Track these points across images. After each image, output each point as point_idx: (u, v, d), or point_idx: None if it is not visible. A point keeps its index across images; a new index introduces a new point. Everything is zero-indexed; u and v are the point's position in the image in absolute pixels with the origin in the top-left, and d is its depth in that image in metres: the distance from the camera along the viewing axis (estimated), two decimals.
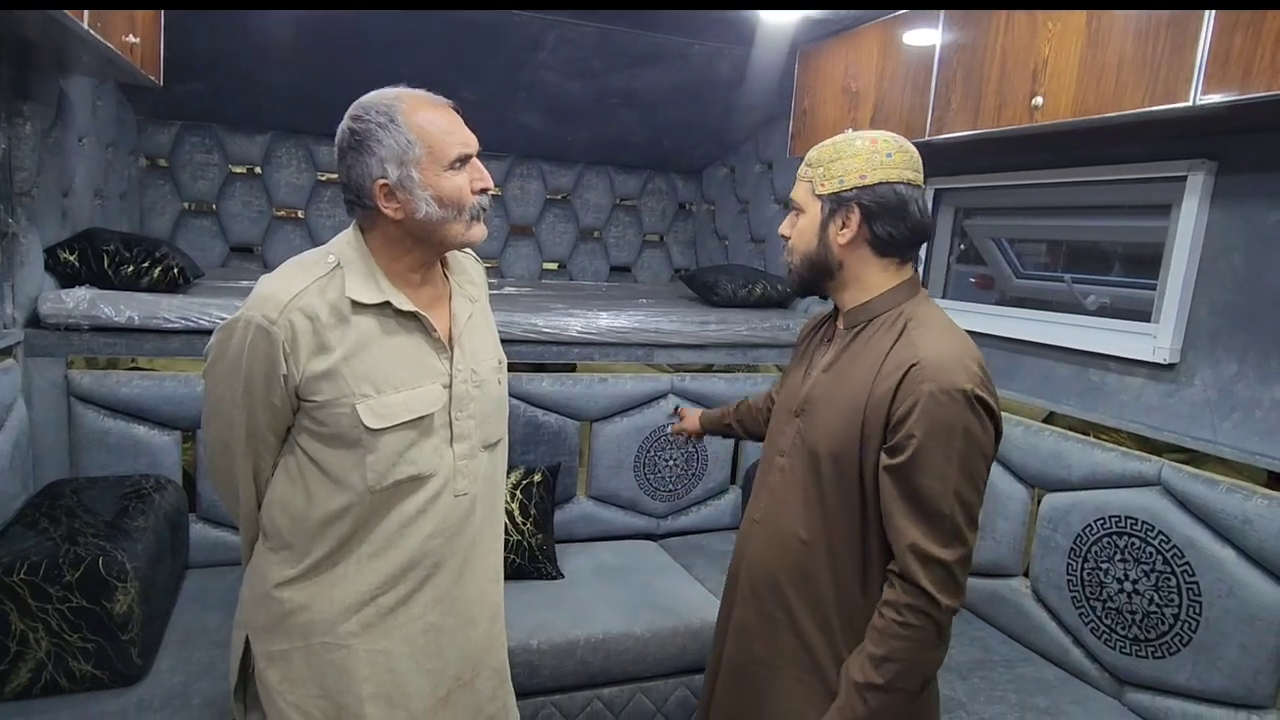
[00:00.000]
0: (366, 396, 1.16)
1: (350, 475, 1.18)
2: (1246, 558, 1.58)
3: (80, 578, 1.58)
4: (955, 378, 1.10)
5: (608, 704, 2.06)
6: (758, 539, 1.32)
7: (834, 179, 1.20)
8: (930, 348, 1.13)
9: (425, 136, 1.15)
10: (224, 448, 1.23)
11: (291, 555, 1.22)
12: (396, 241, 1.20)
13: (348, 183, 1.18)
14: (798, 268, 1.27)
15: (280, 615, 1.22)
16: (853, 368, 1.21)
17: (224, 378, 1.18)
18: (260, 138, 3.29)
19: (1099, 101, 1.60)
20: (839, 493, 1.20)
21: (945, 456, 1.09)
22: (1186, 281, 1.76)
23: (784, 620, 1.27)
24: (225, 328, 1.17)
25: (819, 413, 1.23)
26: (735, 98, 3.11)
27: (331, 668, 1.22)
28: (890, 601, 1.13)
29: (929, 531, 1.10)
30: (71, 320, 2.03)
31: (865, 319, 1.24)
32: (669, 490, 2.69)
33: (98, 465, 2.10)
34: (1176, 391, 1.79)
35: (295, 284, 1.15)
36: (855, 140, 1.20)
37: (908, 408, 1.11)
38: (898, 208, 1.18)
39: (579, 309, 2.64)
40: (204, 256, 3.20)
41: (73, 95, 2.25)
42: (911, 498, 1.11)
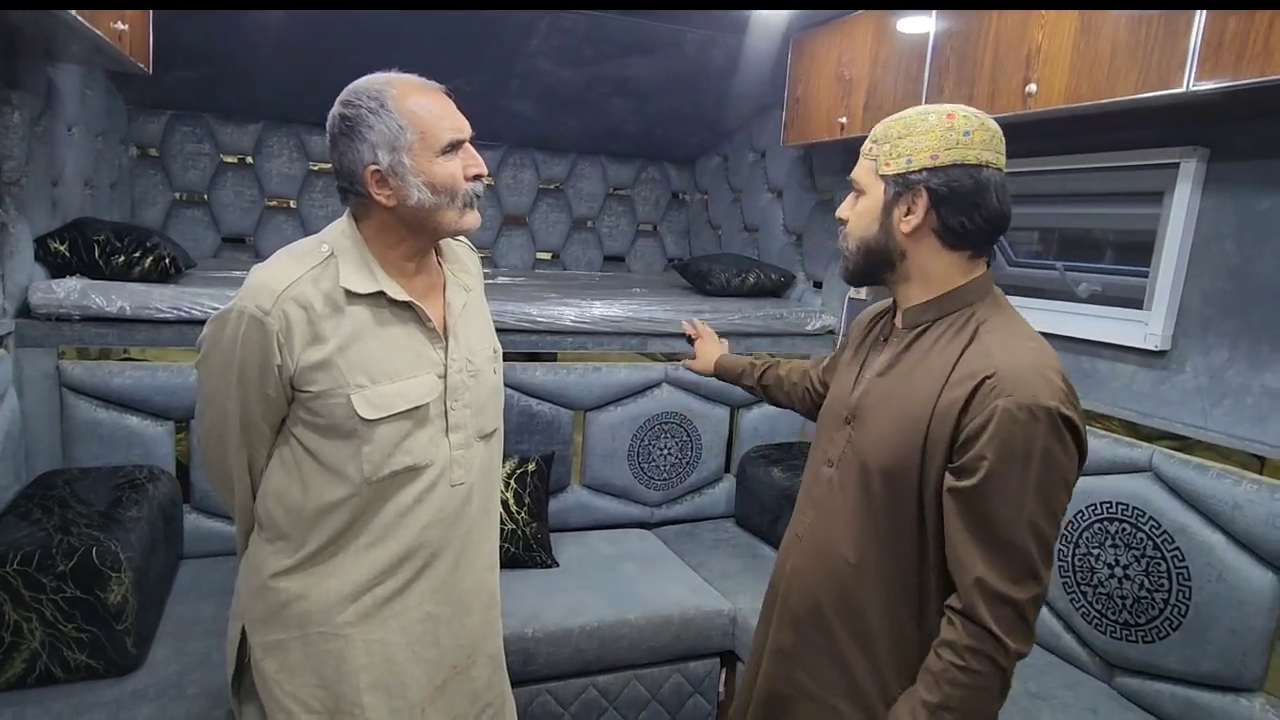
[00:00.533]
0: (361, 387, 1.15)
1: (346, 466, 1.18)
2: (1236, 542, 1.59)
3: (74, 568, 1.58)
4: (1036, 392, 0.97)
5: (603, 691, 2.07)
6: (800, 557, 1.20)
7: (901, 158, 1.06)
8: (1007, 356, 1.01)
9: (416, 122, 1.13)
10: (218, 439, 1.22)
11: (287, 545, 1.22)
12: (390, 229, 1.18)
13: (339, 170, 1.17)
14: (853, 255, 1.14)
15: (277, 605, 1.22)
16: (914, 374, 1.09)
17: (217, 369, 1.17)
18: (251, 127, 3.27)
19: (1092, 88, 1.60)
20: (892, 513, 1.08)
21: (1021, 482, 0.97)
22: (1178, 269, 1.76)
23: (825, 646, 1.16)
24: (218, 318, 1.16)
25: (872, 422, 1.11)
26: (728, 86, 3.10)
27: (329, 657, 1.22)
28: (949, 642, 1.01)
29: (999, 566, 0.98)
30: (62, 310, 2.02)
31: (929, 319, 1.11)
32: (663, 479, 2.69)
33: (90, 456, 2.09)
34: (1168, 378, 1.80)
35: (289, 274, 1.14)
36: (928, 115, 1.06)
37: (979, 424, 0.98)
38: (972, 194, 1.04)
39: (573, 298, 2.64)
40: (196, 247, 3.18)
41: (61, 84, 2.23)
42: (980, 527, 0.99)
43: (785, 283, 3.06)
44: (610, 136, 3.67)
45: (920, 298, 1.12)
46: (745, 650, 2.13)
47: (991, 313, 1.08)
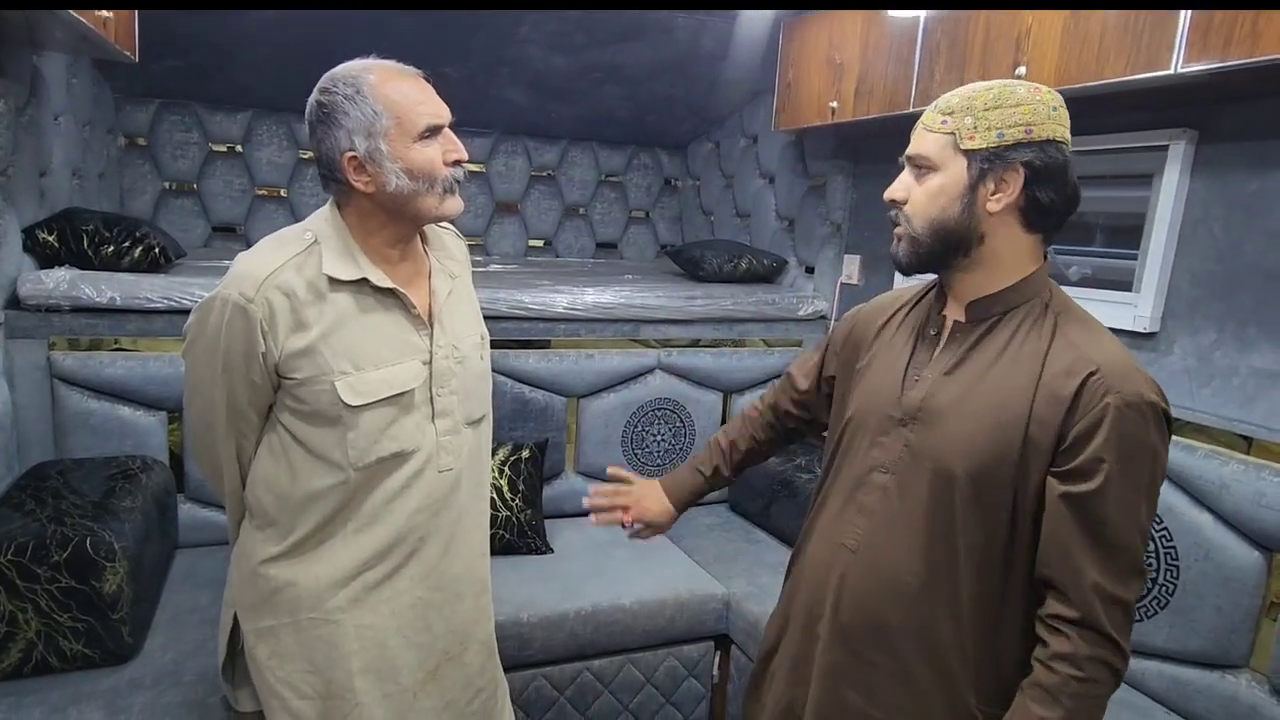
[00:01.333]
0: (345, 374, 1.16)
1: (333, 453, 1.19)
2: (1223, 522, 1.61)
3: (68, 558, 1.58)
4: (1141, 388, 0.94)
5: (597, 675, 2.09)
6: (857, 573, 1.11)
7: (990, 130, 0.98)
8: (1103, 350, 0.97)
9: (393, 107, 1.12)
10: (206, 427, 1.23)
11: (276, 532, 1.23)
12: (370, 216, 1.18)
13: (319, 157, 1.17)
14: (923, 238, 1.04)
15: (267, 592, 1.23)
16: (996, 371, 1.02)
17: (203, 356, 1.18)
18: (240, 116, 3.25)
19: (1081, 70, 1.60)
20: (977, 520, 1.02)
21: (1135, 484, 0.95)
22: (1167, 251, 1.77)
23: (888, 667, 1.09)
24: (202, 306, 1.17)
25: (947, 424, 1.04)
26: (720, 72, 3.09)
27: (320, 643, 1.23)
28: (1065, 654, 0.96)
29: (1111, 568, 0.95)
30: (52, 301, 2.01)
31: (1000, 310, 1.04)
32: (657, 465, 2.70)
33: (83, 447, 2.09)
34: (1156, 360, 1.81)
35: (272, 261, 1.14)
36: (1016, 87, 1.00)
37: (1090, 424, 0.94)
38: (1062, 171, 0.99)
39: (565, 285, 2.64)
40: (186, 236, 3.17)
41: (47, 73, 2.21)
42: (1095, 531, 0.95)
43: (777, 268, 3.07)
44: (602, 123, 3.66)
45: (988, 288, 1.05)
46: (739, 634, 2.14)
47: (1064, 304, 1.04)
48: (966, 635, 1.04)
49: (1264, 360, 1.62)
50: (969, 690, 1.05)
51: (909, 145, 1.07)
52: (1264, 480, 1.55)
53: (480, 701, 1.40)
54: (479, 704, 1.40)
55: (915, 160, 1.05)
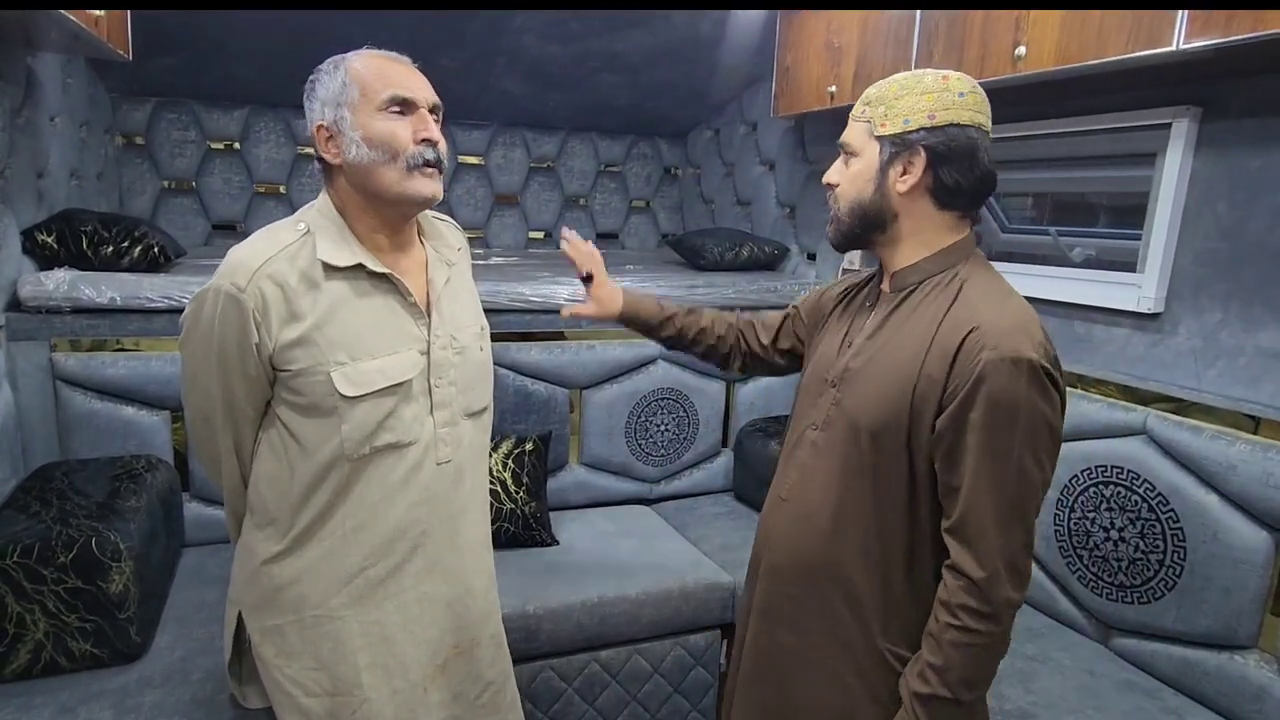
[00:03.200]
0: (341, 364, 1.15)
1: (326, 444, 1.18)
2: (1230, 503, 1.60)
3: (74, 559, 1.59)
4: (1019, 345, 0.98)
5: (605, 665, 2.09)
6: (784, 518, 1.22)
7: (898, 118, 1.07)
8: (990, 311, 1.02)
9: (358, 77, 1.15)
10: (204, 420, 1.24)
11: (276, 530, 1.23)
12: (350, 195, 1.19)
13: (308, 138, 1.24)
14: (844, 217, 1.14)
15: (271, 591, 1.23)
16: (901, 333, 1.10)
17: (198, 349, 1.18)
18: (238, 112, 3.24)
19: (1082, 49, 1.58)
20: (881, 472, 1.09)
21: (1008, 434, 0.99)
22: (1171, 230, 1.75)
23: (814, 607, 1.17)
24: (196, 298, 1.17)
25: (860, 383, 1.12)
26: (718, 58, 3.07)
27: (326, 640, 1.23)
28: (945, 602, 1.03)
29: (987, 515, 1.00)
30: (52, 303, 2.01)
31: (916, 280, 1.12)
32: (661, 455, 2.70)
33: (87, 447, 2.09)
34: (1161, 341, 1.80)
35: (264, 251, 1.14)
36: (924, 77, 1.08)
37: (964, 380, 1.00)
38: (968, 153, 1.05)
39: (566, 276, 2.62)
40: (186, 235, 3.17)
41: (41, 73, 2.20)
42: (970, 483, 1.00)
43: (779, 255, 3.05)
44: (600, 112, 3.64)
45: (909, 259, 1.13)
46: None
47: (975, 271, 1.10)
48: (877, 579, 1.11)
49: (1270, 339, 1.60)
50: (879, 632, 1.12)
51: None
52: (1271, 460, 1.53)
53: (490, 694, 1.41)
54: (488, 697, 1.40)
55: (843, 147, 1.15)
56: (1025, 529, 1.02)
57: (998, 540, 1.00)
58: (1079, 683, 1.69)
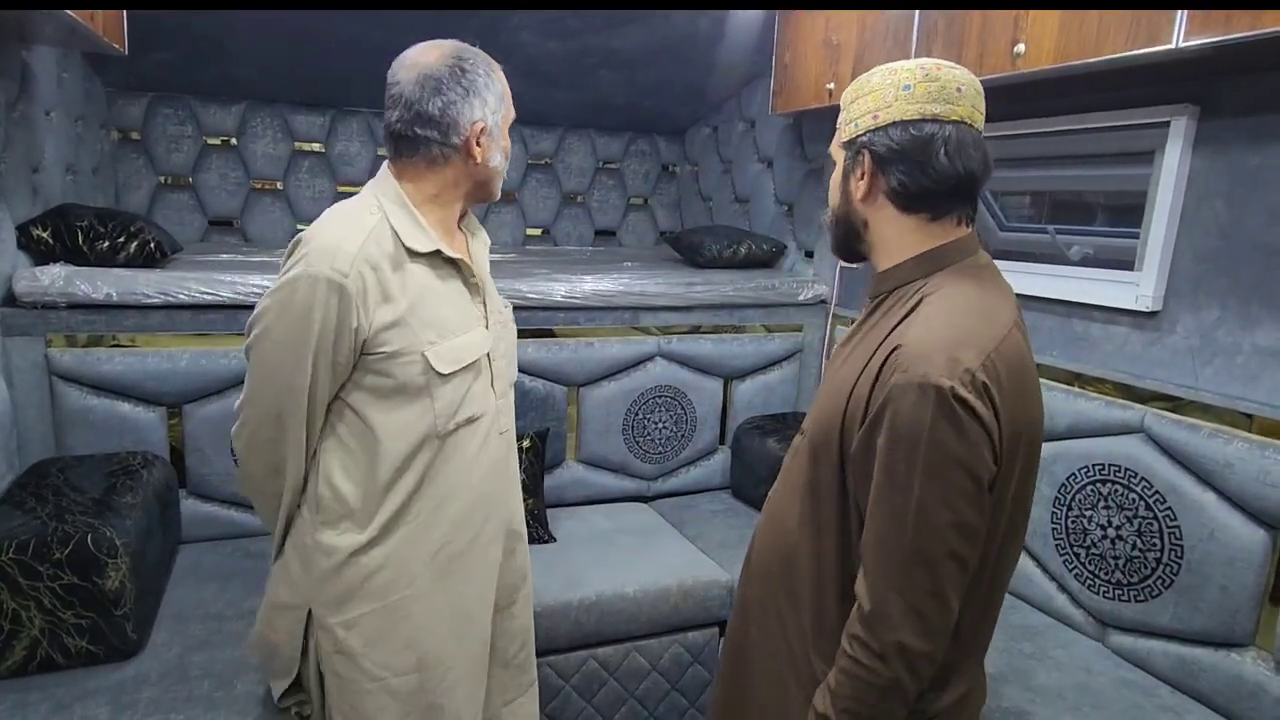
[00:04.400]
0: (433, 343, 1.20)
1: (414, 426, 1.21)
2: (1227, 501, 1.60)
3: (70, 555, 1.58)
4: (930, 369, 0.89)
5: (603, 663, 2.09)
6: (764, 518, 1.23)
7: (850, 123, 1.04)
8: (921, 330, 0.94)
9: (508, 97, 1.28)
10: (274, 420, 1.20)
11: (355, 522, 1.23)
12: (451, 188, 1.24)
13: (433, 119, 1.18)
14: (829, 227, 1.14)
15: (356, 583, 1.24)
16: (858, 348, 1.05)
17: (284, 341, 1.15)
18: (234, 108, 3.22)
19: (1081, 46, 1.58)
20: (820, 486, 1.06)
21: (907, 468, 0.90)
22: (1169, 229, 1.76)
23: (771, 609, 1.17)
24: (285, 287, 1.15)
25: (821, 393, 1.11)
26: (717, 55, 3.06)
27: (413, 619, 1.28)
28: (846, 628, 0.98)
29: (883, 551, 0.93)
30: (48, 298, 2.00)
31: (886, 290, 1.06)
32: (658, 453, 2.70)
33: (83, 444, 2.08)
34: (1159, 339, 1.80)
35: (355, 235, 1.16)
36: (873, 75, 1.03)
37: (877, 403, 0.94)
38: (913, 150, 0.97)
39: (563, 274, 2.62)
40: (182, 231, 3.16)
41: (36, 67, 2.19)
42: (872, 513, 0.94)
43: (777, 253, 3.05)
44: (599, 109, 3.63)
45: (884, 267, 1.08)
46: None
47: (948, 282, 0.99)
48: (819, 593, 1.08)
49: (1267, 338, 1.61)
50: (813, 647, 1.08)
51: None
52: (1268, 458, 1.54)
53: (525, 652, 1.50)
54: (524, 655, 1.49)
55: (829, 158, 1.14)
56: (931, 574, 0.91)
57: (893, 578, 0.92)
58: (1076, 680, 1.69)
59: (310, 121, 3.34)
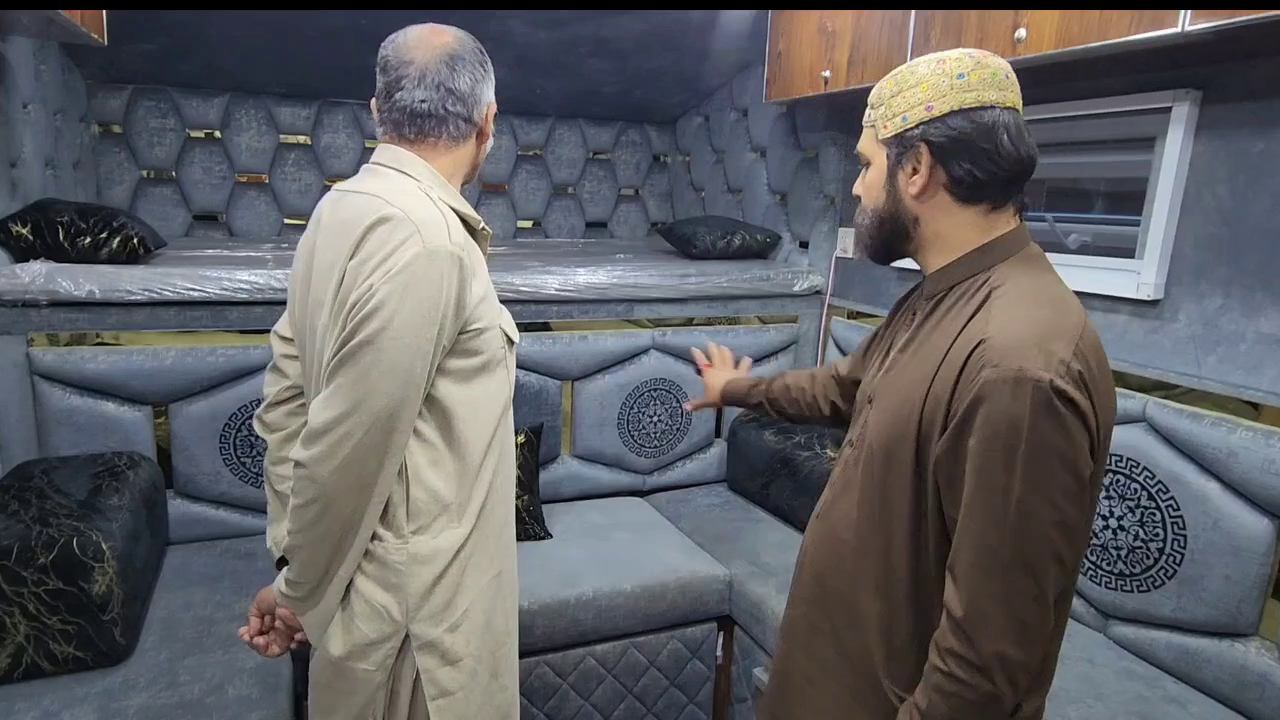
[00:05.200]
0: (500, 313, 1.23)
1: (496, 398, 1.22)
2: (1231, 490, 1.59)
3: (55, 559, 1.54)
4: (1026, 362, 0.85)
5: (600, 660, 2.07)
6: (814, 535, 1.16)
7: (895, 117, 0.99)
8: (1006, 322, 0.90)
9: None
10: (390, 418, 1.07)
11: (452, 516, 1.19)
12: (462, 167, 1.24)
13: (465, 96, 1.18)
14: (868, 229, 1.07)
15: (460, 577, 1.20)
16: (924, 347, 1.00)
17: (411, 327, 1.05)
18: (217, 100, 3.16)
19: (1083, 31, 1.55)
20: (890, 495, 1.01)
21: (1005, 467, 0.86)
22: (1170, 216, 1.74)
23: (826, 628, 1.11)
24: (404, 271, 1.04)
25: (882, 400, 1.04)
26: (709, 42, 3.02)
27: (501, 593, 1.28)
28: (935, 642, 0.93)
29: (981, 558, 0.88)
30: (29, 296, 1.95)
31: (946, 286, 1.02)
32: (654, 446, 2.67)
33: (68, 444, 2.04)
34: (1161, 327, 1.78)
35: (436, 211, 1.12)
36: (918, 66, 0.99)
37: (965, 401, 0.89)
38: (978, 138, 0.95)
39: (555, 266, 2.59)
40: (166, 226, 3.10)
41: (13, 59, 2.13)
42: (967, 516, 0.89)
43: (771, 243, 3.02)
44: (589, 99, 3.59)
45: (939, 264, 1.03)
46: (742, 614, 2.13)
47: (1013, 273, 0.97)
48: (884, 612, 1.03)
49: (1271, 325, 1.59)
50: (883, 669, 1.04)
51: None
52: (1272, 447, 1.52)
53: None
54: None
55: (858, 158, 1.09)
56: (1034, 578, 0.87)
57: (991, 584, 0.88)
58: (1079, 672, 1.68)
59: (295, 113, 3.28)
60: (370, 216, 1.08)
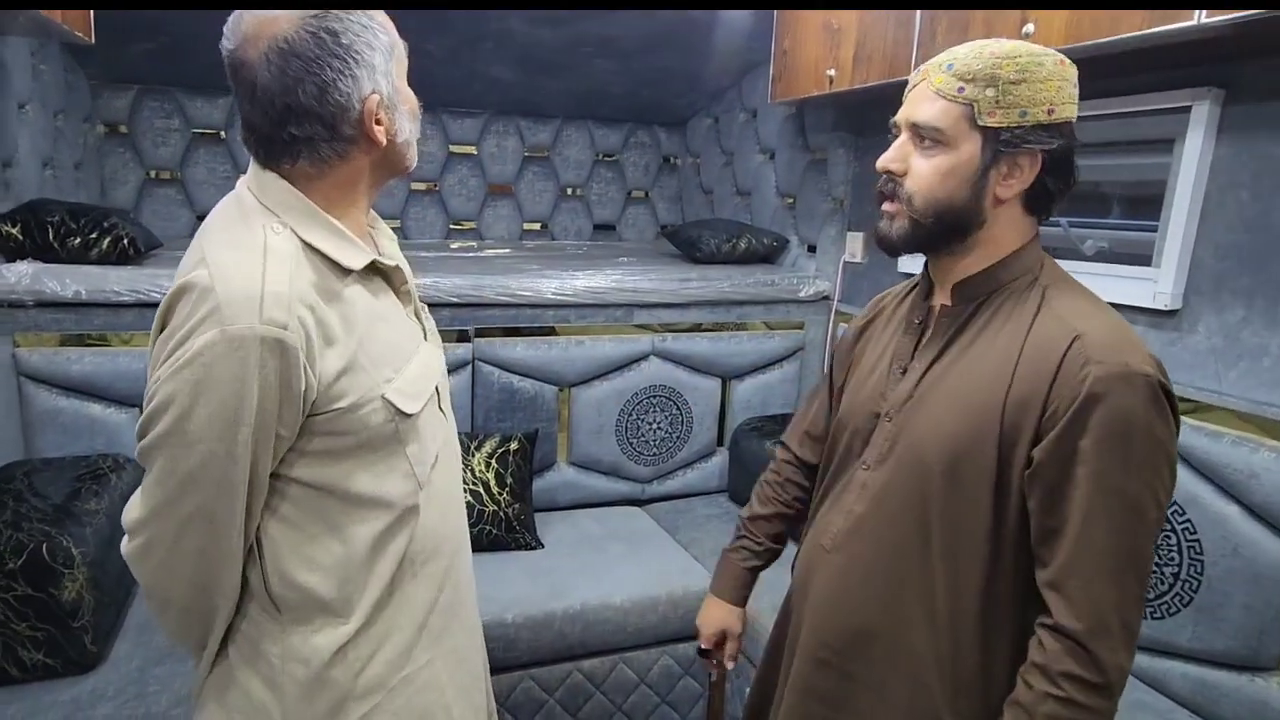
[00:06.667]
0: (389, 380, 0.94)
1: (388, 484, 0.96)
2: (1252, 514, 1.49)
3: (24, 565, 1.51)
4: (1131, 358, 0.84)
5: (588, 675, 2.01)
6: (830, 572, 1.04)
7: (1013, 108, 0.88)
8: (1088, 318, 0.88)
9: (393, 35, 0.93)
10: (206, 525, 0.89)
11: (335, 615, 0.97)
12: (354, 185, 0.95)
13: (316, 111, 0.88)
14: (924, 219, 0.94)
15: (349, 681, 0.98)
16: (975, 352, 0.94)
17: (208, 431, 0.84)
18: (221, 100, 3.15)
19: (1095, 25, 1.46)
20: (957, 516, 0.92)
21: (1123, 465, 0.83)
22: (1189, 221, 1.64)
23: (863, 678, 1.01)
24: (194, 363, 0.82)
25: (927, 413, 0.96)
26: (715, 41, 2.95)
27: (421, 693, 1.05)
28: (1043, 667, 0.86)
29: (1094, 562, 0.84)
30: (15, 296, 1.94)
31: (986, 291, 0.96)
32: (653, 454, 2.61)
33: (54, 446, 2.02)
34: (1179, 339, 1.68)
35: (277, 268, 0.85)
36: (1044, 58, 0.89)
37: (1070, 400, 0.84)
38: (1071, 154, 0.93)
39: (554, 269, 2.53)
40: (170, 226, 3.09)
41: (8, 59, 2.12)
42: (1080, 526, 0.85)
43: (778, 247, 2.94)
44: (596, 100, 3.53)
45: (975, 268, 0.96)
46: None
47: (1055, 277, 0.95)
48: (944, 645, 0.94)
49: None
50: (946, 708, 0.95)
51: (906, 107, 0.97)
52: None
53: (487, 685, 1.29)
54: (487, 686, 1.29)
55: (921, 129, 0.93)
56: (1140, 580, 0.85)
57: (1110, 593, 0.84)
58: None
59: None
60: (177, 278, 0.86)
